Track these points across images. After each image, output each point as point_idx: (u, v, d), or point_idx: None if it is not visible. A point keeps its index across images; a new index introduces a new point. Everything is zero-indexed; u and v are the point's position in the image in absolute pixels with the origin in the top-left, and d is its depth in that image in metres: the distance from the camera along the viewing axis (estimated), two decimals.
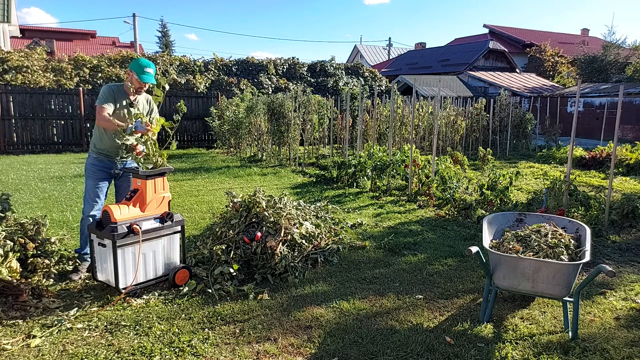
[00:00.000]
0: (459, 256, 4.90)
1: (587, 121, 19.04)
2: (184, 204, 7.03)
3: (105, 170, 4.20)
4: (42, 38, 26.42)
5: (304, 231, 4.60)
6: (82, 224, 4.24)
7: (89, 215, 4.15)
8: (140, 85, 4.10)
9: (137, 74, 4.04)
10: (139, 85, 4.10)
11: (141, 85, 4.11)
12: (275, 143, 12.57)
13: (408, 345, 3.12)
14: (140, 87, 4.13)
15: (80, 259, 4.27)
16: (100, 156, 4.17)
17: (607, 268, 2.96)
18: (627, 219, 6.07)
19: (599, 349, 3.09)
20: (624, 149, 11.49)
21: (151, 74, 4.09)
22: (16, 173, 9.65)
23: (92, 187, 4.17)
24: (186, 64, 17.22)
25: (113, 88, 4.10)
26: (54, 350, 3.00)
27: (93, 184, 4.17)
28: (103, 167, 4.19)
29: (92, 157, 4.20)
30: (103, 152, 4.16)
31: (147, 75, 4.07)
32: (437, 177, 7.75)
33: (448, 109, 14.56)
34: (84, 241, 4.27)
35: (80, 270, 4.18)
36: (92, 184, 4.17)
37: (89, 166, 4.20)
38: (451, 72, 26.49)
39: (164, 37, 40.94)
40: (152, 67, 4.10)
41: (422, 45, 38.61)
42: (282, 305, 3.69)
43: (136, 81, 4.07)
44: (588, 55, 27.50)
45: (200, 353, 3.01)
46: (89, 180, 4.19)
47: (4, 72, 13.64)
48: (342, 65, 20.48)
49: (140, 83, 4.08)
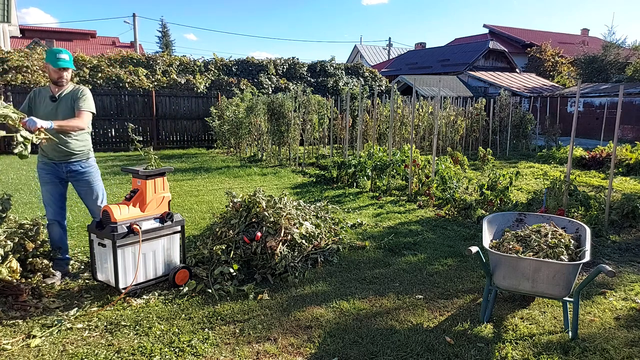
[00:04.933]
0: (459, 256, 4.90)
1: (587, 121, 19.04)
2: (184, 204, 7.03)
3: (53, 174, 4.03)
4: (42, 38, 26.39)
5: (304, 231, 4.60)
6: (49, 230, 4.13)
7: (53, 220, 4.07)
8: (58, 74, 3.88)
9: (51, 64, 3.85)
10: (57, 75, 3.89)
11: (59, 73, 3.89)
12: (275, 143, 12.57)
13: (408, 345, 3.12)
14: (60, 76, 3.90)
15: (56, 264, 4.10)
16: (45, 159, 4.03)
17: (607, 268, 2.95)
18: (627, 219, 6.07)
19: (599, 349, 3.09)
20: (624, 149, 11.49)
21: (66, 59, 3.88)
22: (16, 173, 9.65)
23: (45, 192, 4.06)
24: (186, 64, 17.22)
25: (33, 92, 3.96)
26: (54, 350, 3.00)
27: (45, 189, 4.05)
28: (50, 171, 4.03)
29: (40, 161, 4.07)
30: (47, 156, 4.02)
31: (62, 60, 3.86)
32: (437, 177, 7.75)
33: (448, 109, 14.56)
34: (54, 247, 4.13)
35: (56, 274, 4.01)
36: (44, 188, 4.06)
37: (38, 171, 4.09)
38: (451, 72, 26.50)
39: (164, 37, 40.95)
40: (65, 53, 3.91)
41: (422, 45, 38.64)
42: (282, 305, 3.69)
43: (52, 71, 3.88)
44: (588, 56, 27.51)
45: (200, 353, 3.01)
46: (41, 186, 4.09)
47: (4, 72, 13.64)
48: (342, 65, 20.47)
49: (57, 71, 3.87)
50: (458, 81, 23.71)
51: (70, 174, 4.06)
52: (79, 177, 4.10)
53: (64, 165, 4.03)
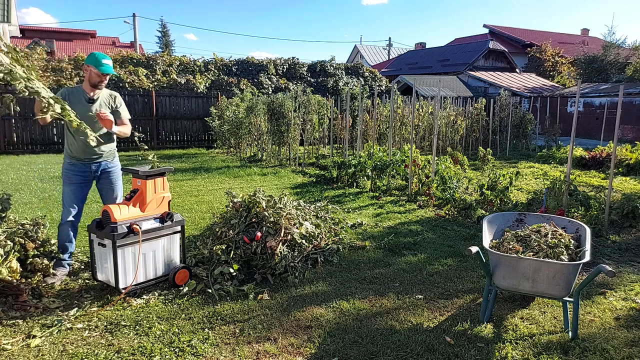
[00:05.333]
0: (459, 256, 4.90)
1: (587, 121, 19.04)
2: (184, 204, 7.03)
3: (80, 175, 4.11)
4: (42, 38, 26.41)
5: (304, 231, 4.60)
6: (60, 230, 4.15)
7: (67, 222, 4.09)
8: (100, 78, 3.99)
9: (95, 67, 3.94)
10: (98, 79, 3.99)
11: (101, 78, 4.00)
12: (275, 143, 12.57)
13: (408, 345, 3.12)
14: (101, 80, 4.01)
15: (57, 264, 4.12)
16: (73, 160, 4.09)
17: (607, 268, 2.95)
18: (627, 219, 6.07)
19: (599, 349, 3.09)
20: (624, 149, 11.49)
21: (110, 65, 4.00)
22: (16, 173, 9.65)
23: (68, 193, 4.09)
24: (186, 64, 17.22)
25: (64, 92, 4.00)
26: (54, 350, 3.00)
27: (69, 190, 4.09)
28: (77, 172, 4.09)
29: (66, 162, 4.13)
30: (76, 157, 4.08)
31: (106, 66, 3.96)
32: (437, 177, 7.75)
33: (448, 109, 14.56)
34: (62, 247, 4.15)
35: (56, 274, 4.02)
36: (68, 189, 4.10)
37: (64, 171, 4.13)
38: (451, 72, 26.50)
39: (163, 37, 40.98)
40: (108, 59, 4.01)
41: (422, 45, 38.64)
42: (282, 305, 3.69)
43: (95, 75, 3.97)
44: (588, 56, 27.51)
45: (200, 353, 3.01)
46: (65, 186, 4.12)
47: None
48: (342, 65, 20.48)
49: (100, 75, 3.98)
50: (458, 81, 23.71)
51: (97, 173, 4.20)
52: (104, 176, 4.24)
53: (93, 165, 4.16)
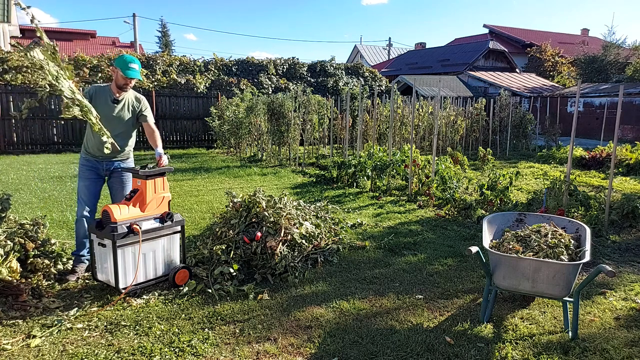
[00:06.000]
0: (459, 256, 4.90)
1: (587, 121, 19.04)
2: (184, 204, 7.03)
3: (94, 171, 4.19)
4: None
5: (304, 231, 4.60)
6: (77, 226, 4.23)
7: (82, 216, 4.15)
8: (125, 81, 4.04)
9: (121, 70, 3.99)
10: (124, 82, 4.04)
11: (126, 81, 4.05)
12: (275, 143, 12.57)
13: (408, 345, 3.12)
14: (126, 83, 4.06)
15: (76, 261, 4.23)
16: (88, 156, 4.18)
17: (607, 268, 2.95)
18: (627, 219, 6.07)
19: (599, 349, 3.09)
20: (624, 149, 11.49)
21: (136, 69, 4.04)
22: (16, 173, 9.65)
23: (83, 188, 4.18)
24: (186, 64, 17.22)
25: (91, 90, 4.05)
26: (54, 350, 3.00)
27: (83, 184, 4.18)
28: (92, 167, 4.18)
29: (82, 157, 4.23)
30: (90, 153, 4.16)
31: (132, 70, 4.01)
32: (437, 177, 7.75)
33: (448, 109, 14.56)
34: (79, 243, 4.25)
35: (78, 271, 4.14)
36: (82, 184, 4.19)
37: (80, 167, 4.23)
38: (451, 72, 26.50)
39: (163, 37, 40.96)
40: (136, 63, 4.05)
41: (422, 45, 38.64)
42: (282, 305, 3.69)
43: (121, 77, 4.02)
44: (588, 56, 27.51)
45: (200, 353, 3.01)
46: (80, 181, 4.22)
47: (4, 72, 13.63)
48: (342, 65, 20.47)
49: (125, 79, 4.03)
50: (458, 81, 23.71)
51: (109, 171, 4.25)
52: (116, 175, 4.27)
53: (105, 163, 4.20)
